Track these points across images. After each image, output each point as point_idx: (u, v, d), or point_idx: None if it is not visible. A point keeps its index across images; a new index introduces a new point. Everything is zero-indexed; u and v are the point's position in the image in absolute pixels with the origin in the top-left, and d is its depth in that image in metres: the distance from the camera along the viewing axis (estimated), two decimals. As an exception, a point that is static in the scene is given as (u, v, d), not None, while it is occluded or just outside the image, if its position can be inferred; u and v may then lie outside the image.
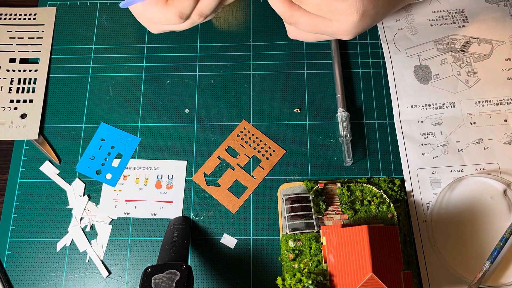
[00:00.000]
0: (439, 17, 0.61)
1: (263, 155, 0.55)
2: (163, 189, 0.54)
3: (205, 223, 0.53)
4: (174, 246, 0.47)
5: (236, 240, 0.52)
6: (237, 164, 0.55)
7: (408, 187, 0.53)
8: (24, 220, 0.54)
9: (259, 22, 0.62)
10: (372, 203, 0.51)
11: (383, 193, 0.52)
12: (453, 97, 0.57)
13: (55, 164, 0.56)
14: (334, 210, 0.51)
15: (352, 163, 0.55)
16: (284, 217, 0.51)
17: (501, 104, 0.56)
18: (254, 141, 0.56)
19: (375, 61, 0.60)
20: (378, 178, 0.53)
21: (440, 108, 0.56)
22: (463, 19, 0.60)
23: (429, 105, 0.57)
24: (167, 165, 0.55)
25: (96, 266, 0.52)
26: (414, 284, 0.49)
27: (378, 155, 0.55)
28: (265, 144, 0.56)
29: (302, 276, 0.46)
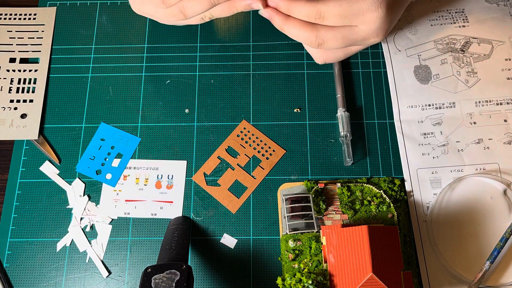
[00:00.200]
0: (439, 17, 0.61)
1: (263, 155, 0.55)
2: (163, 189, 0.54)
3: (205, 223, 0.53)
4: (174, 246, 0.47)
5: (236, 240, 0.52)
6: (237, 164, 0.55)
7: (408, 187, 0.54)
8: (24, 220, 0.54)
9: (259, 22, 0.62)
10: (372, 203, 0.51)
11: (383, 193, 0.52)
12: (453, 97, 0.57)
13: (55, 164, 0.56)
14: (334, 210, 0.51)
15: (352, 163, 0.55)
16: (284, 217, 0.51)
17: (501, 104, 0.56)
18: (254, 141, 0.56)
19: (375, 61, 0.60)
20: (378, 178, 0.53)
21: (440, 108, 0.56)
22: (463, 19, 0.60)
23: (429, 105, 0.57)
24: (167, 165, 0.55)
25: (96, 266, 0.52)
26: (414, 284, 0.49)
27: (378, 155, 0.55)
28: (265, 144, 0.56)
29: (302, 276, 0.46)
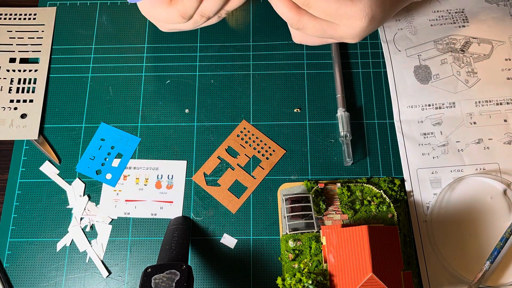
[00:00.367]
0: (439, 17, 0.61)
1: (263, 155, 0.55)
2: (163, 189, 0.54)
3: (205, 223, 0.53)
4: (174, 246, 0.47)
5: (236, 240, 0.52)
6: (237, 164, 0.55)
7: (408, 187, 0.54)
8: (24, 220, 0.54)
9: (259, 22, 0.62)
10: (372, 203, 0.51)
11: (383, 193, 0.52)
12: (453, 97, 0.57)
13: (55, 164, 0.56)
14: (334, 210, 0.51)
15: (352, 163, 0.55)
16: (284, 217, 0.51)
17: (501, 104, 0.56)
18: (254, 141, 0.56)
19: (375, 61, 0.60)
20: (378, 178, 0.53)
21: (440, 108, 0.56)
22: (463, 19, 0.60)
23: (429, 105, 0.57)
24: (167, 165, 0.55)
25: (96, 266, 0.52)
26: (414, 284, 0.49)
27: (378, 155, 0.55)
28: (265, 144, 0.56)
29: (302, 276, 0.46)
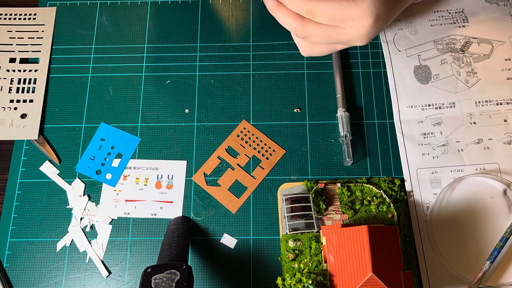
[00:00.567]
0: (439, 17, 0.61)
1: (263, 155, 0.55)
2: (163, 189, 0.54)
3: (205, 223, 0.53)
4: (174, 246, 0.47)
5: (236, 240, 0.52)
6: (237, 164, 0.55)
7: (408, 187, 0.54)
8: (24, 220, 0.54)
9: (259, 22, 0.62)
10: (372, 203, 0.51)
11: (383, 193, 0.52)
12: (453, 97, 0.57)
13: (55, 164, 0.56)
14: (334, 210, 0.51)
15: (352, 163, 0.55)
16: (284, 217, 0.51)
17: (501, 104, 0.56)
18: (254, 141, 0.56)
19: (375, 61, 0.60)
20: (378, 178, 0.53)
21: (440, 108, 0.56)
22: (463, 19, 0.60)
23: (429, 105, 0.57)
24: (167, 165, 0.55)
25: (96, 266, 0.52)
26: (414, 284, 0.49)
27: (378, 155, 0.55)
28: (265, 144, 0.56)
29: (302, 276, 0.46)
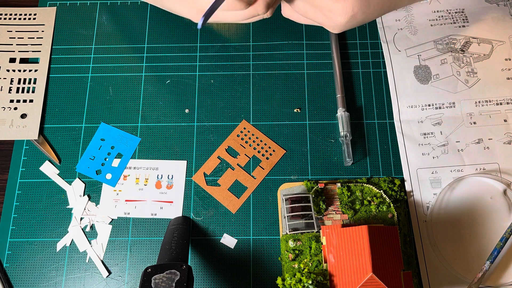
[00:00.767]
0: (439, 17, 0.61)
1: (263, 155, 0.55)
2: (163, 189, 0.54)
3: (205, 223, 0.53)
4: (174, 246, 0.47)
5: (236, 240, 0.52)
6: (237, 164, 0.55)
7: (408, 187, 0.54)
8: (24, 220, 0.54)
9: (259, 22, 0.62)
10: (372, 203, 0.51)
11: (383, 193, 0.52)
12: (453, 97, 0.57)
13: (55, 164, 0.56)
14: (334, 210, 0.51)
15: (352, 163, 0.55)
16: (284, 217, 0.51)
17: (501, 104, 0.56)
18: (254, 141, 0.56)
19: (375, 61, 0.60)
20: (378, 178, 0.54)
21: (440, 108, 0.56)
22: (463, 19, 0.60)
23: (429, 105, 0.57)
24: (167, 165, 0.55)
25: (96, 266, 0.52)
26: (414, 284, 0.49)
27: (378, 155, 0.55)
28: (265, 144, 0.56)
29: (302, 276, 0.46)
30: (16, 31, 0.62)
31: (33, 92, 0.59)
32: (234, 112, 0.58)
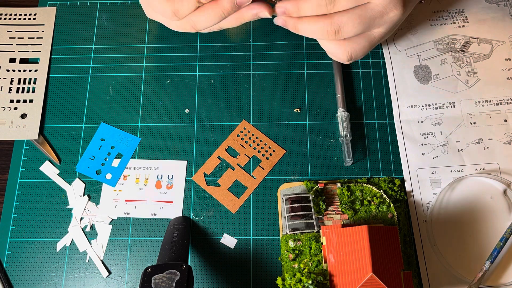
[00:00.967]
0: (439, 17, 0.61)
1: (263, 155, 0.55)
2: (163, 189, 0.54)
3: (205, 223, 0.53)
4: (174, 246, 0.47)
5: (236, 240, 0.52)
6: (237, 164, 0.55)
7: (408, 187, 0.54)
8: (24, 220, 0.54)
9: (259, 22, 0.62)
10: (372, 203, 0.51)
11: (383, 193, 0.52)
12: (453, 97, 0.57)
13: (55, 164, 0.56)
14: (334, 210, 0.51)
15: (352, 163, 0.55)
16: (284, 217, 0.51)
17: (501, 104, 0.56)
18: (254, 141, 0.56)
19: (375, 61, 0.60)
20: (378, 178, 0.53)
21: (440, 108, 0.56)
22: (463, 19, 0.60)
23: (429, 105, 0.57)
24: (167, 165, 0.55)
25: (96, 266, 0.52)
26: (414, 284, 0.49)
27: (378, 155, 0.55)
28: (265, 144, 0.56)
29: (302, 276, 0.46)
30: (16, 31, 0.62)
31: (33, 92, 0.59)
32: (234, 112, 0.58)
